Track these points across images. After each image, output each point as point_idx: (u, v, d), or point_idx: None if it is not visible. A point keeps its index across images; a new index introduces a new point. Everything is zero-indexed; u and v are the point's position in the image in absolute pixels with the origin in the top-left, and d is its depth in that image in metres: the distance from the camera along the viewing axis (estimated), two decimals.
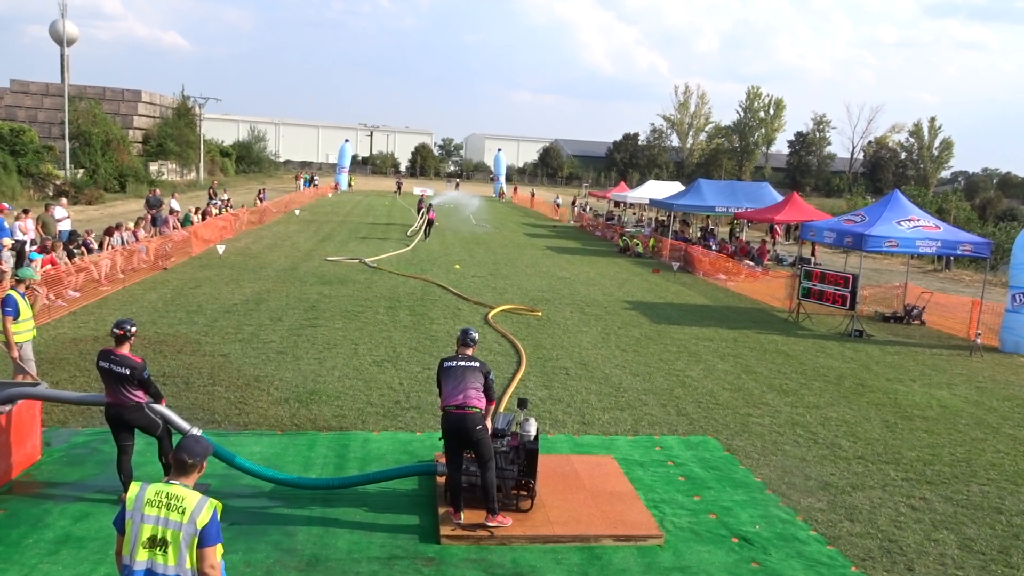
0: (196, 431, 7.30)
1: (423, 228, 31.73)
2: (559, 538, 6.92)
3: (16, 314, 8.86)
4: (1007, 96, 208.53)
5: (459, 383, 6.93)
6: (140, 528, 4.00)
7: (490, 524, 6.90)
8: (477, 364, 7.06)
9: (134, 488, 4.10)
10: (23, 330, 9.00)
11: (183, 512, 3.99)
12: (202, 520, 4.00)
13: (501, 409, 9.90)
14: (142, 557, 3.99)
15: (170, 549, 3.98)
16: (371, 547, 6.66)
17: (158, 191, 29.66)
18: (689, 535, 7.22)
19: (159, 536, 3.98)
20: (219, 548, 4.07)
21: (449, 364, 7.10)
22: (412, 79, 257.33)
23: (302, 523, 7.02)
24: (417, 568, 6.37)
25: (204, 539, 3.99)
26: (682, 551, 6.90)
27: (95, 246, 18.66)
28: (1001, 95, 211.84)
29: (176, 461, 4.16)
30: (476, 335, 7.41)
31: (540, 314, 17.15)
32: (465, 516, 6.99)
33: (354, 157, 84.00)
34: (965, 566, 7.00)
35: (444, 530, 6.88)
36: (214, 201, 32.84)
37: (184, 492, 4.06)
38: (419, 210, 34.39)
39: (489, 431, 7.04)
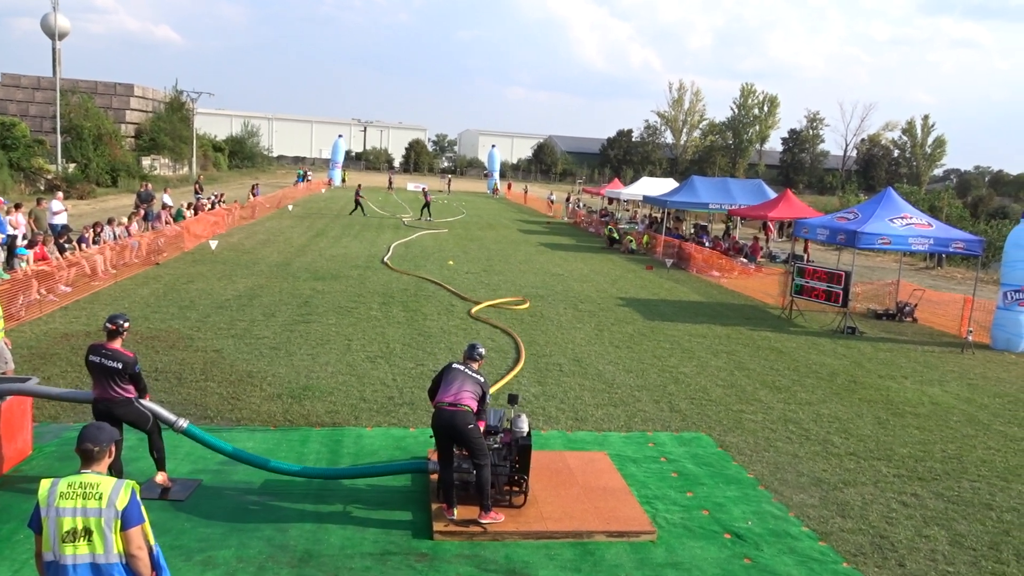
0: (183, 423, 7.29)
1: (424, 210, 39.51)
2: (552, 534, 6.93)
3: None
4: (1001, 95, 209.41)
5: (457, 384, 7.01)
6: (58, 523, 3.94)
7: (483, 520, 6.91)
8: (480, 378, 7.17)
9: (45, 485, 4.04)
10: None
11: (100, 498, 3.96)
12: (121, 502, 3.97)
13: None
14: (68, 551, 3.94)
15: (95, 537, 3.94)
16: (364, 543, 6.65)
17: (150, 185, 29.52)
18: (682, 531, 7.24)
19: (80, 527, 3.94)
20: (144, 528, 4.06)
21: (456, 367, 7.21)
22: (406, 75, 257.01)
23: (295, 519, 7.01)
24: (410, 564, 6.36)
25: (127, 520, 3.98)
26: (675, 547, 6.92)
27: (90, 241, 18.57)
28: (995, 94, 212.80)
29: (82, 452, 4.11)
30: (483, 350, 7.54)
31: (528, 305, 17.21)
32: (458, 512, 6.99)
33: (347, 153, 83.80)
34: (956, 562, 7.04)
35: (437, 526, 6.88)
36: (200, 196, 32.67)
37: (98, 479, 4.04)
38: (425, 203, 40.70)
39: (481, 431, 7.05)
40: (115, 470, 7.03)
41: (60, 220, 20.64)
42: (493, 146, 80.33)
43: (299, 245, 25.81)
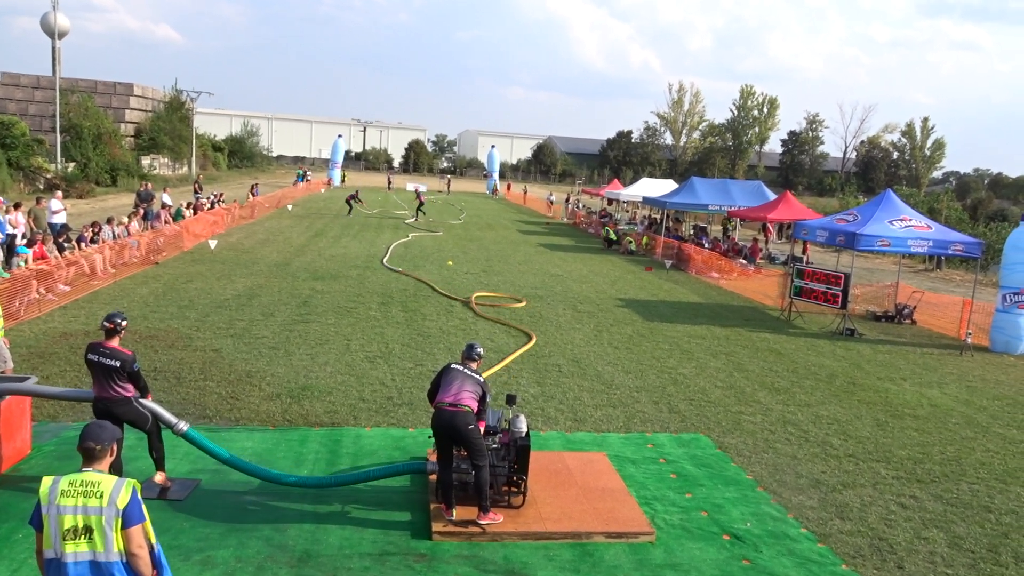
0: (183, 426, 7.28)
1: (418, 210, 39.91)
2: (551, 534, 6.93)
3: None
4: (1001, 97, 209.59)
5: (456, 384, 7.00)
6: (59, 520, 3.95)
7: (482, 521, 6.91)
8: (480, 378, 7.16)
9: (46, 482, 4.04)
10: None
11: (101, 496, 3.97)
12: (122, 500, 3.98)
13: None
14: (69, 549, 3.96)
15: (95, 535, 3.96)
16: (363, 543, 6.65)
17: (149, 185, 29.51)
18: (680, 532, 7.24)
19: (81, 525, 3.95)
20: (145, 527, 4.07)
21: (455, 367, 7.20)
22: (406, 75, 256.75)
23: (294, 519, 7.00)
24: (409, 564, 6.36)
25: (127, 519, 3.98)
26: (673, 548, 6.92)
27: (89, 240, 18.55)
28: (995, 96, 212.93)
29: (84, 450, 4.12)
30: (481, 350, 7.55)
31: (524, 304, 17.24)
32: (457, 513, 6.99)
33: (347, 153, 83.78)
34: (954, 564, 7.04)
35: (436, 526, 6.88)
36: (199, 195, 32.65)
37: (99, 477, 4.05)
38: (419, 204, 41.10)
39: (481, 431, 7.05)
40: (115, 469, 7.02)
41: (59, 219, 20.63)
42: (492, 147, 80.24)
43: (298, 245, 25.80)
